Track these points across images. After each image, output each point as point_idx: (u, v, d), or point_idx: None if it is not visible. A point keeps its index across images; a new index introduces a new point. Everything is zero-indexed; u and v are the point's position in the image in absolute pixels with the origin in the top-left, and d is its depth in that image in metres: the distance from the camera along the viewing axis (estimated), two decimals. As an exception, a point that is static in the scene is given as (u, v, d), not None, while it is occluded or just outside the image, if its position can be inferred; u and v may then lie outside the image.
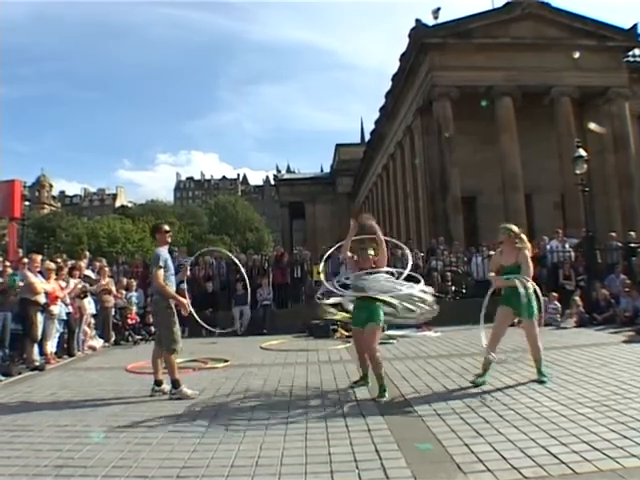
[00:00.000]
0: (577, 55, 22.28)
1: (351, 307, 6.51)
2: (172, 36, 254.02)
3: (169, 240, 6.81)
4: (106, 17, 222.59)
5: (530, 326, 6.16)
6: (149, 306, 13.34)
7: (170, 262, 6.56)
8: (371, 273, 6.03)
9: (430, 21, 24.20)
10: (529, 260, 6.20)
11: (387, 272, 6.22)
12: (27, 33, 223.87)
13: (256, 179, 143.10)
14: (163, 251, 6.52)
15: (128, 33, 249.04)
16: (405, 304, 6.09)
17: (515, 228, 6.34)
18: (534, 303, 6.12)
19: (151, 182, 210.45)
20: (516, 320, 6.57)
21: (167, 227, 6.93)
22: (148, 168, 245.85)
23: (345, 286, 6.56)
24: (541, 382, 5.94)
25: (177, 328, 6.37)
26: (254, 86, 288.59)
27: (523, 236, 6.28)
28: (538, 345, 6.17)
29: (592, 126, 23.54)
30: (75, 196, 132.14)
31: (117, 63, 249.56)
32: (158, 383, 6.35)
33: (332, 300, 6.89)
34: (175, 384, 6.15)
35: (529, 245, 6.40)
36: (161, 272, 6.29)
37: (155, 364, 6.43)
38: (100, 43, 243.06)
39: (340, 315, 7.13)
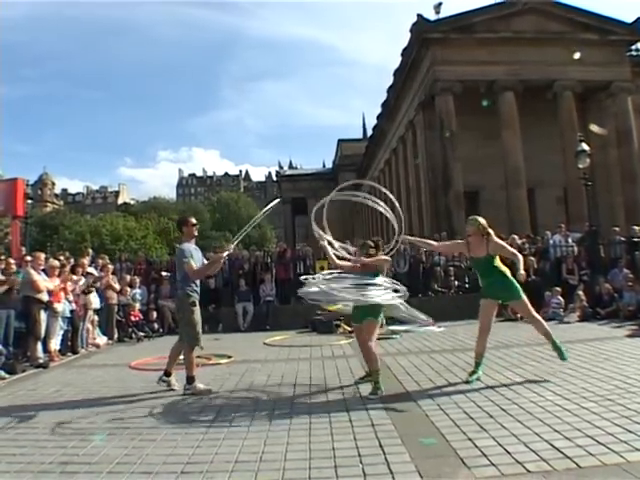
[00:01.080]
0: (577, 55, 22.18)
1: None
2: (173, 33, 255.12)
3: (196, 233, 6.65)
4: (106, 15, 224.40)
5: (521, 305, 6.21)
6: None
7: (198, 255, 6.46)
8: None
9: (432, 16, 24.23)
10: (504, 245, 6.26)
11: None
12: (28, 32, 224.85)
13: (258, 175, 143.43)
14: (189, 245, 6.37)
15: (129, 31, 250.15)
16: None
17: (483, 221, 6.15)
18: (515, 284, 6.08)
19: (152, 179, 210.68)
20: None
21: (194, 220, 6.73)
22: (149, 165, 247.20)
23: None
24: (563, 359, 6.10)
25: (199, 325, 6.33)
26: (255, 83, 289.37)
27: (491, 230, 6.13)
28: (539, 319, 6.22)
29: (593, 128, 23.46)
30: (78, 194, 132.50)
31: (117, 61, 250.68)
32: (167, 374, 6.37)
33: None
34: (190, 380, 6.14)
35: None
36: (192, 263, 6.20)
37: (172, 357, 6.43)
38: (100, 41, 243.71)
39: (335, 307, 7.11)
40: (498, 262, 6.09)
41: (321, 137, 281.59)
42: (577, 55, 22.19)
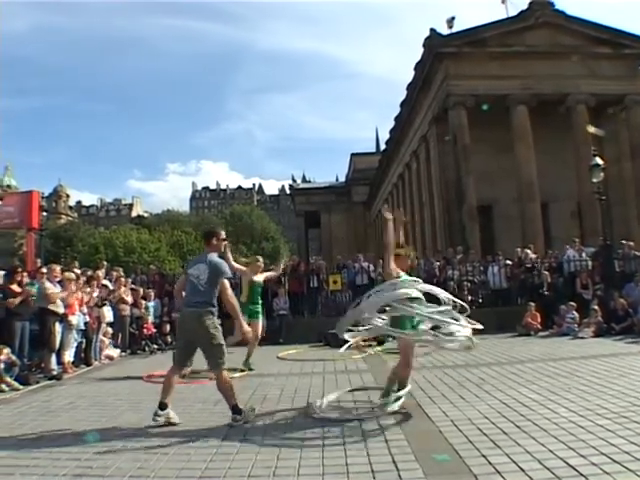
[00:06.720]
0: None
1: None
2: (180, 47, 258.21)
3: (222, 250, 5.94)
4: (115, 29, 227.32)
5: None
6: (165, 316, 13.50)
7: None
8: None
9: (444, 30, 24.33)
10: None
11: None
12: (39, 45, 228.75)
13: (269, 188, 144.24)
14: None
15: (137, 44, 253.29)
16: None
17: None
18: None
19: (162, 192, 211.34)
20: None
21: (224, 234, 5.75)
22: (158, 178, 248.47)
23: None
24: None
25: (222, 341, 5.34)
26: (263, 95, 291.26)
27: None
28: None
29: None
30: (91, 206, 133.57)
31: (126, 74, 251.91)
32: (162, 406, 5.23)
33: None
34: (235, 409, 5.24)
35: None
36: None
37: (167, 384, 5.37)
38: (109, 55, 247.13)
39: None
40: None
41: (334, 150, 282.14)
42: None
